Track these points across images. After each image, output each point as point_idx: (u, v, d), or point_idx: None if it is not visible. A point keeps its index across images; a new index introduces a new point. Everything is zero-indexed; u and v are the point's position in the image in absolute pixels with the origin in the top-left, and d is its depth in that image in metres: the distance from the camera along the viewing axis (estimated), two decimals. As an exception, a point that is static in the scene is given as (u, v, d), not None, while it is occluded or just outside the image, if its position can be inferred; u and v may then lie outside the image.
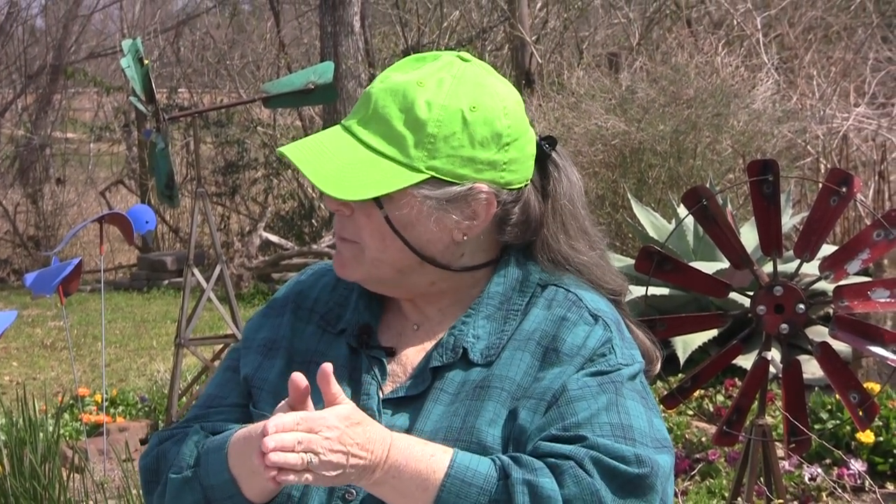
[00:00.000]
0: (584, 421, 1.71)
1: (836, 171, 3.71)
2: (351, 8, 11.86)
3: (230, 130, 13.99)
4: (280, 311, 1.94)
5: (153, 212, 6.44)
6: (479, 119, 1.78)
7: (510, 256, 1.86)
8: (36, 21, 19.10)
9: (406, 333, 1.87)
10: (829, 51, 11.82)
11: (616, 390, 1.75)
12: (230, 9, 16.28)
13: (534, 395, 1.75)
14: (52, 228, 15.36)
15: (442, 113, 1.77)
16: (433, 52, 1.85)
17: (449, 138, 1.77)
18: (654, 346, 1.94)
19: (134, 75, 6.23)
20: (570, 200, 1.87)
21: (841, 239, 8.64)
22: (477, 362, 1.79)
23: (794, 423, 3.79)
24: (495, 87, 1.82)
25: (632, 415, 1.73)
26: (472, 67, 1.82)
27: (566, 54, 13.42)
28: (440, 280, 1.84)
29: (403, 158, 1.76)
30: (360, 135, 1.78)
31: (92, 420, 6.61)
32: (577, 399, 1.73)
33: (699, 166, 8.98)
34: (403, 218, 1.78)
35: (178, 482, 1.81)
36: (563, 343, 1.78)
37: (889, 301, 3.67)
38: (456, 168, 1.78)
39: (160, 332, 10.33)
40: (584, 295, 1.83)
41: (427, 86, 1.78)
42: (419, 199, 1.77)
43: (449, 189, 1.78)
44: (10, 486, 5.06)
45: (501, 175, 1.80)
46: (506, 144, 1.80)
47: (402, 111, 1.77)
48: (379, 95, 1.79)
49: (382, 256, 1.80)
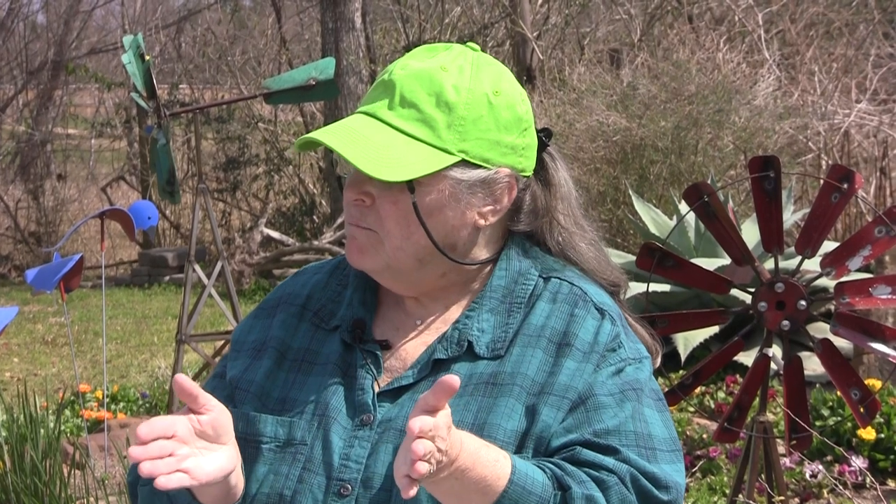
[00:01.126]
0: (612, 429, 1.73)
1: (838, 167, 3.71)
2: (352, 4, 11.85)
3: (231, 126, 13.99)
4: (271, 312, 1.93)
5: (155, 208, 6.43)
6: (502, 103, 1.80)
7: (511, 250, 1.87)
8: (37, 17, 19.11)
9: (405, 328, 1.87)
10: (830, 47, 11.81)
11: (638, 398, 1.78)
12: (231, 5, 16.25)
13: (554, 392, 1.75)
14: (53, 224, 15.36)
15: (469, 96, 1.78)
16: (443, 44, 1.87)
17: (477, 121, 1.78)
18: (654, 339, 1.96)
19: (135, 71, 6.23)
20: (568, 191, 1.90)
21: (842, 235, 8.64)
22: (483, 356, 1.79)
23: (796, 419, 3.78)
24: (509, 75, 1.85)
25: (650, 423, 1.77)
26: (483, 56, 1.85)
27: (567, 50, 13.41)
28: (451, 271, 1.84)
29: (436, 141, 1.77)
30: (390, 119, 1.77)
31: (93, 416, 6.61)
32: (603, 406, 1.74)
33: (700, 163, 8.98)
34: (432, 203, 1.78)
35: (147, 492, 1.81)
36: (574, 338, 1.79)
37: (890, 298, 3.67)
38: (484, 151, 1.79)
39: (161, 329, 10.33)
40: (588, 288, 1.85)
41: (450, 71, 1.79)
42: (450, 183, 1.78)
43: (478, 172, 1.79)
44: (11, 483, 5.06)
45: (519, 160, 1.83)
46: (524, 129, 1.83)
47: (431, 95, 1.77)
48: (404, 81, 1.79)
49: (405, 245, 1.79)
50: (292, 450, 1.78)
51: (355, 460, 1.74)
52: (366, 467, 1.74)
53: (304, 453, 1.77)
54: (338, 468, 1.75)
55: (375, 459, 1.74)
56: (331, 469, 1.75)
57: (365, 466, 1.74)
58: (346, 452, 1.75)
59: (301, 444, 1.77)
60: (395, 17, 13.59)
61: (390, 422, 1.76)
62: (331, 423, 1.77)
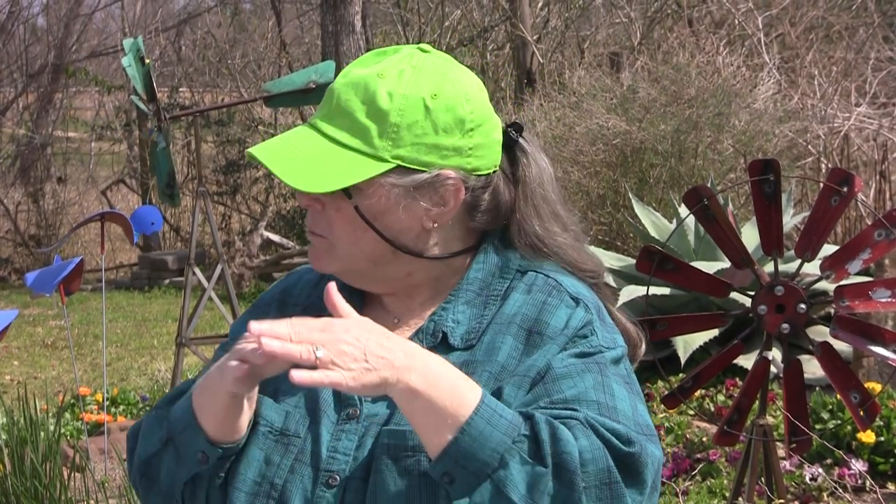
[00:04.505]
0: (571, 398, 1.71)
1: (837, 170, 3.71)
2: (352, 7, 11.86)
3: (231, 129, 14.00)
4: (265, 309, 1.98)
5: (160, 213, 6.44)
6: (440, 106, 1.81)
7: (489, 244, 1.89)
8: (37, 20, 19.12)
9: (385, 326, 1.89)
10: (830, 50, 11.81)
11: (601, 371, 1.76)
12: (231, 8, 16.27)
13: (517, 373, 1.76)
14: (54, 227, 15.37)
15: (403, 102, 1.79)
16: (394, 46, 1.89)
17: (412, 126, 1.79)
18: (637, 328, 1.96)
19: (135, 74, 6.23)
20: (539, 185, 1.90)
21: (842, 239, 8.64)
22: (457, 346, 1.81)
23: (795, 422, 3.79)
24: (456, 75, 1.85)
25: (616, 397, 1.74)
26: (431, 58, 1.85)
27: (567, 53, 13.42)
28: (417, 270, 1.86)
29: (368, 149, 1.79)
30: (325, 129, 1.81)
31: (93, 419, 6.62)
32: (562, 377, 1.74)
33: (700, 166, 8.98)
34: (373, 208, 1.80)
35: (151, 418, 1.87)
36: (545, 326, 1.79)
37: (890, 301, 3.67)
38: (421, 155, 1.80)
39: (161, 332, 10.33)
40: (563, 280, 1.86)
41: (388, 77, 1.80)
42: (387, 188, 1.79)
43: (416, 177, 1.80)
44: (11, 485, 5.06)
45: (468, 161, 1.83)
46: (469, 130, 1.83)
47: (364, 103, 1.79)
48: (341, 90, 1.82)
49: (355, 249, 1.82)
50: (286, 440, 1.81)
51: (343, 452, 1.78)
52: (353, 459, 1.77)
53: (297, 445, 1.80)
54: (326, 460, 1.78)
55: (362, 452, 1.77)
56: (319, 460, 1.78)
57: (353, 458, 1.77)
58: (333, 445, 1.79)
59: (295, 437, 1.81)
60: (396, 20, 13.60)
61: (375, 416, 1.79)
62: (321, 416, 1.81)
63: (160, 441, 1.84)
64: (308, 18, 16.45)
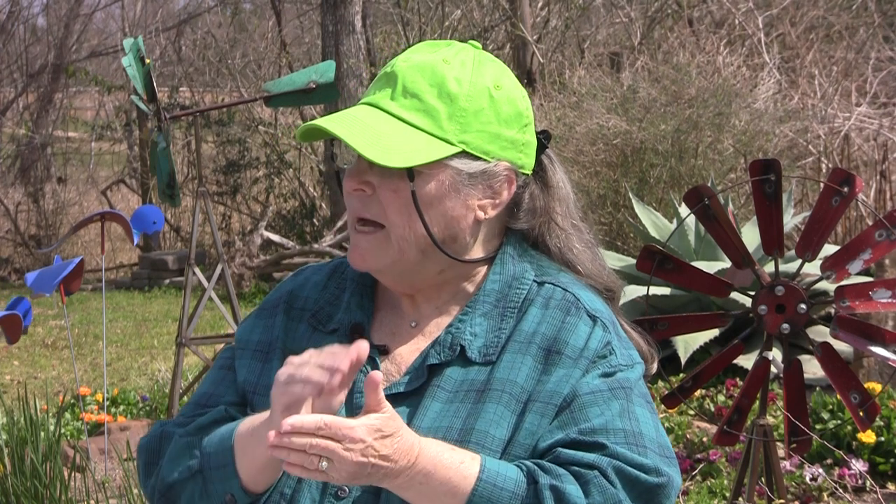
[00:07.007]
0: (599, 427, 1.73)
1: (838, 170, 3.71)
2: (352, 7, 11.86)
3: (231, 129, 13.99)
4: (272, 312, 1.95)
5: (161, 212, 6.45)
6: (503, 97, 1.83)
7: (506, 254, 1.88)
8: (37, 20, 19.12)
9: (400, 332, 1.88)
10: (830, 50, 11.81)
11: (626, 396, 1.77)
12: (231, 8, 16.27)
13: (539, 399, 1.76)
14: (54, 227, 15.36)
15: (471, 88, 1.80)
16: (444, 40, 1.88)
17: (478, 113, 1.80)
18: (649, 345, 1.96)
19: (135, 74, 6.23)
20: (566, 194, 1.92)
21: (842, 239, 8.64)
22: (475, 360, 1.80)
23: (795, 422, 3.78)
24: (510, 73, 1.88)
25: (641, 422, 1.76)
26: (484, 53, 1.87)
27: (568, 53, 13.41)
28: (448, 268, 1.85)
29: (438, 131, 1.79)
30: (392, 109, 1.80)
31: (93, 419, 6.61)
32: (589, 405, 1.75)
33: (700, 166, 8.98)
34: (430, 193, 1.79)
35: (182, 445, 1.84)
36: (564, 345, 1.79)
37: (890, 301, 3.67)
38: (484, 143, 1.81)
39: (161, 332, 10.33)
40: (581, 294, 1.85)
41: (453, 64, 1.81)
42: (451, 173, 1.79)
43: (478, 164, 1.81)
44: (11, 485, 5.06)
45: (519, 156, 1.85)
46: (525, 125, 1.85)
47: (433, 85, 1.80)
48: (407, 72, 1.81)
49: (409, 235, 1.80)
50: None
51: None
52: None
53: None
54: None
55: None
56: None
57: None
58: None
59: None
60: (396, 20, 13.60)
61: None
62: None
63: (189, 471, 1.81)
64: (308, 18, 16.45)
